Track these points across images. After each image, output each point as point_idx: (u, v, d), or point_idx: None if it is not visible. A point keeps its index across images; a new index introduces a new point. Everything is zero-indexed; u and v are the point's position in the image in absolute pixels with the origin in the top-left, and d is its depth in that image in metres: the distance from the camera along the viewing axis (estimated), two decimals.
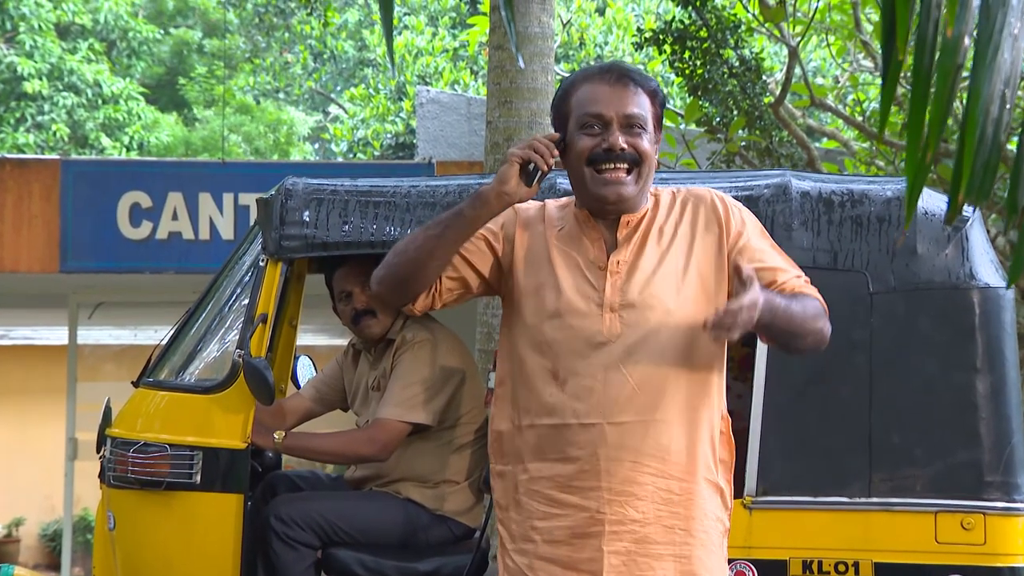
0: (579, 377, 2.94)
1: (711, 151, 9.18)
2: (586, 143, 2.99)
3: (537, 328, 3.01)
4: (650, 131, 3.03)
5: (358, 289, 4.42)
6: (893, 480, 3.86)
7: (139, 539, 4.16)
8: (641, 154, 3.00)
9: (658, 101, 3.05)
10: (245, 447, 4.07)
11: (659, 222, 3.05)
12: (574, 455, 2.95)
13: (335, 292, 4.50)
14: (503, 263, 3.09)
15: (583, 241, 3.04)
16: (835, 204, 3.95)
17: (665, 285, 2.99)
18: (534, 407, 2.99)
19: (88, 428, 10.57)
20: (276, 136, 19.52)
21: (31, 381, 14.52)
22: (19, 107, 18.41)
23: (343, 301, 4.47)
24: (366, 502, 4.40)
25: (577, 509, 2.95)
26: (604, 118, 2.97)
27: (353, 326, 4.48)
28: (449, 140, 10.36)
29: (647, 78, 3.05)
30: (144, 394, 4.31)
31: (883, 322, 3.89)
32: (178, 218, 9.58)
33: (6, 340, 14.66)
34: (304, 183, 4.15)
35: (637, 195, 3.02)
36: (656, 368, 2.94)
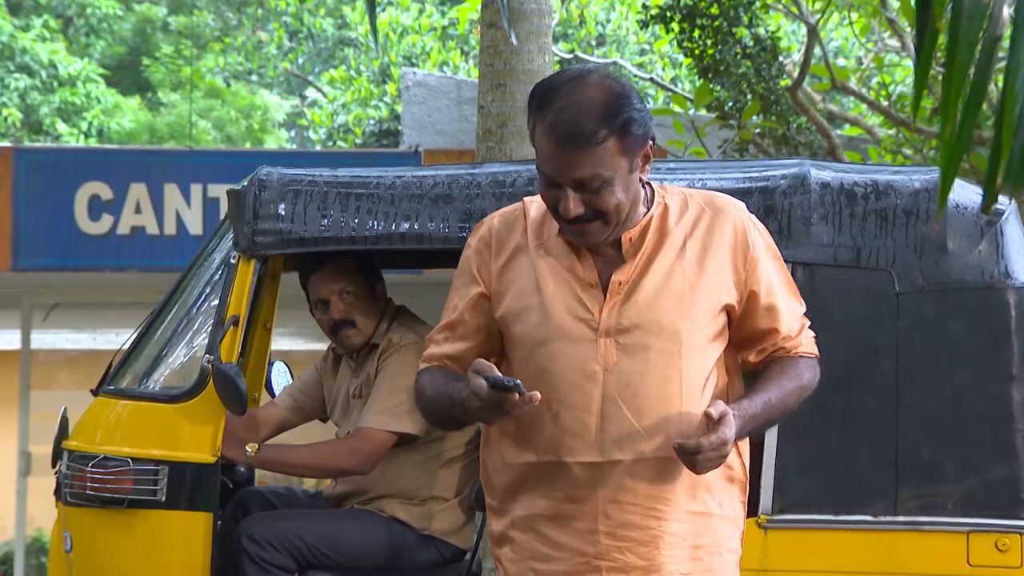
0: (574, 410, 2.86)
1: (723, 138, 9.20)
2: (545, 195, 2.89)
3: (526, 356, 2.92)
4: (619, 174, 2.85)
5: (336, 297, 4.41)
6: (922, 497, 3.87)
7: (99, 562, 4.15)
8: (600, 210, 2.86)
9: (631, 135, 2.84)
10: (215, 461, 4.07)
11: (667, 234, 2.94)
12: (570, 494, 2.89)
13: (310, 299, 4.49)
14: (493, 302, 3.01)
15: (573, 256, 2.93)
16: (858, 196, 3.95)
17: (670, 307, 2.90)
18: (527, 441, 2.91)
19: (42, 441, 10.56)
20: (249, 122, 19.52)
21: None
22: None
23: (320, 309, 4.46)
24: (347, 521, 4.39)
25: (574, 553, 2.89)
26: (554, 181, 2.85)
27: (332, 336, 4.48)
28: (437, 126, 10.37)
29: (608, 120, 2.82)
30: (104, 403, 4.30)
31: (910, 325, 3.89)
32: (141, 211, 9.60)
33: None
34: (279, 173, 4.14)
35: (616, 228, 2.89)
36: (658, 400, 2.87)
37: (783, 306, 2.98)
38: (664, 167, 4.23)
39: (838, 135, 10.14)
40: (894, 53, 11.09)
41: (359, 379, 4.47)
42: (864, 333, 3.92)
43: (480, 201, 4.03)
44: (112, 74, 20.57)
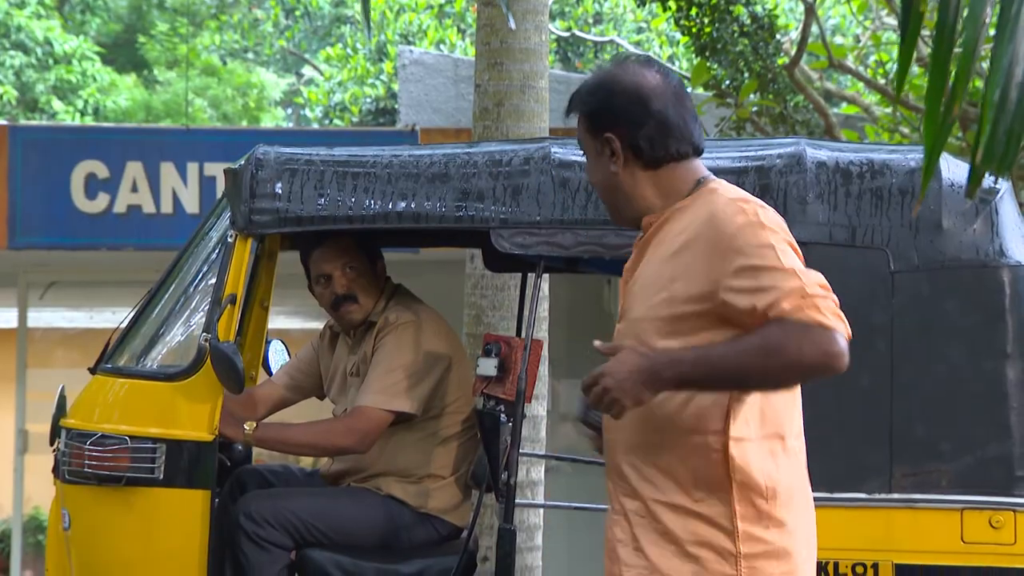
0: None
1: (720, 117, 9.20)
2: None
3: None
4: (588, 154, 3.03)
5: (338, 272, 4.43)
6: (916, 475, 3.89)
7: (97, 539, 4.18)
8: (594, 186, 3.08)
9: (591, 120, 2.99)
10: (212, 439, 4.09)
11: (669, 227, 2.97)
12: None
13: (312, 274, 4.51)
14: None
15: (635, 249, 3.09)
16: (853, 175, 3.97)
17: (639, 297, 2.97)
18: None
19: (39, 419, 10.58)
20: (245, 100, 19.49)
21: None
22: None
23: (321, 284, 4.48)
24: (343, 499, 4.42)
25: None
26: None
27: (332, 311, 4.50)
28: (434, 105, 10.36)
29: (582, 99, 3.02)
30: (102, 381, 4.32)
31: (905, 303, 3.92)
32: (138, 190, 9.59)
33: None
34: (276, 152, 4.15)
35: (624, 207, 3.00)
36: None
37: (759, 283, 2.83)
38: None
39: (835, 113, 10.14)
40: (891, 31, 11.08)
41: (356, 357, 4.49)
42: (859, 312, 3.92)
43: (476, 180, 4.05)
44: (108, 52, 20.52)
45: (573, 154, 4.03)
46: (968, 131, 8.21)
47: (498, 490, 4.05)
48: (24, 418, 10.74)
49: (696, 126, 3.03)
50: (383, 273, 4.55)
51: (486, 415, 4.02)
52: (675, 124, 2.96)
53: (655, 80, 2.97)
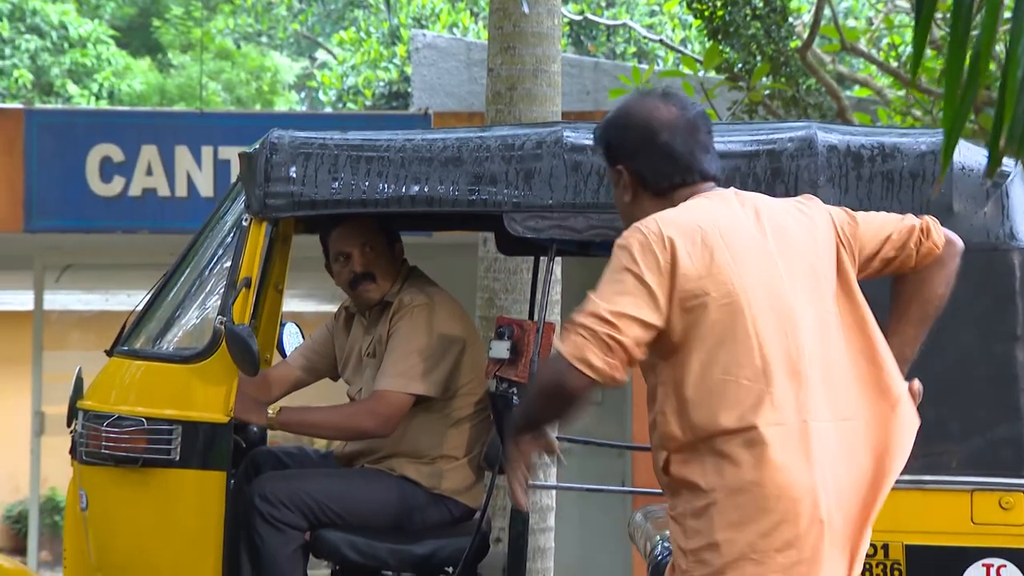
0: None
1: (732, 100, 9.19)
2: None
3: None
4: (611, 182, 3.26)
5: (357, 251, 4.46)
6: (926, 456, 3.90)
7: (114, 520, 4.20)
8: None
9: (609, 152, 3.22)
10: (228, 421, 4.11)
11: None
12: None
13: (331, 252, 4.54)
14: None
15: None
16: (864, 159, 3.97)
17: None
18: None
19: (55, 401, 10.64)
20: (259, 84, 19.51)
21: None
22: None
23: (340, 263, 4.51)
24: (357, 480, 4.44)
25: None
26: None
27: (350, 290, 4.53)
28: (447, 88, 10.36)
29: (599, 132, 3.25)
30: (118, 363, 4.34)
31: None
32: (153, 173, 9.61)
33: None
34: (290, 136, 4.17)
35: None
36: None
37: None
38: None
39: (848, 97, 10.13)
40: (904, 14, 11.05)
41: (372, 337, 4.51)
42: (869, 295, 3.94)
43: (489, 164, 4.06)
44: (122, 35, 20.53)
45: (585, 138, 4.04)
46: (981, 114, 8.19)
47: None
48: (40, 400, 10.78)
49: (706, 156, 3.14)
50: (400, 255, 4.58)
51: (499, 397, 4.03)
52: (680, 154, 3.09)
53: (668, 114, 3.12)
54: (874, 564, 3.85)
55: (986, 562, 3.85)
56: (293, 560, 4.24)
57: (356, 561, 4.30)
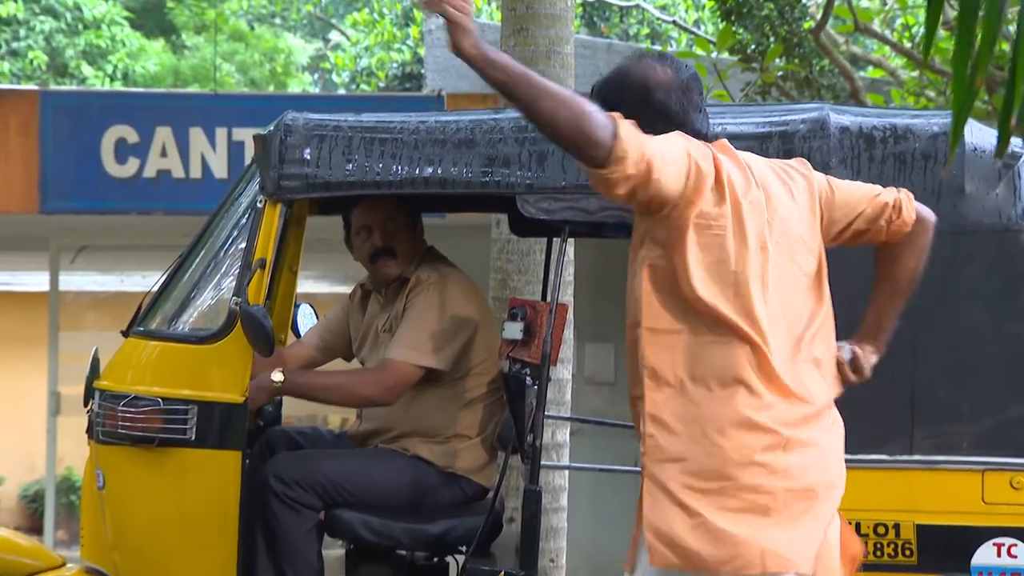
0: None
1: (745, 81, 9.18)
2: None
3: None
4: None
5: (379, 226, 4.49)
6: (937, 437, 3.92)
7: (130, 499, 4.23)
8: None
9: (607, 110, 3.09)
10: (243, 401, 4.13)
11: None
12: None
13: (353, 226, 4.56)
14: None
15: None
16: (877, 140, 3.98)
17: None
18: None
19: (71, 381, 10.68)
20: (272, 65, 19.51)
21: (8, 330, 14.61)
22: None
23: (361, 236, 4.53)
24: (371, 460, 4.47)
25: None
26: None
27: (370, 264, 4.55)
28: (460, 70, 10.34)
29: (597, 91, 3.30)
30: (134, 344, 4.37)
31: (928, 267, 3.92)
32: (167, 155, 9.62)
33: None
34: (304, 118, 4.18)
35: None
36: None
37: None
38: None
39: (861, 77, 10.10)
40: None
41: (388, 314, 4.53)
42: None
43: (503, 146, 4.07)
44: (136, 17, 20.54)
45: None
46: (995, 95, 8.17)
47: (524, 452, 4.08)
48: (56, 380, 10.81)
49: (699, 116, 3.23)
50: (421, 235, 4.60)
51: (512, 378, 4.05)
52: (675, 112, 3.20)
53: (664, 74, 3.23)
54: (885, 543, 3.87)
55: (997, 541, 3.87)
56: (308, 539, 4.27)
57: (370, 540, 4.33)
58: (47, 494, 11.22)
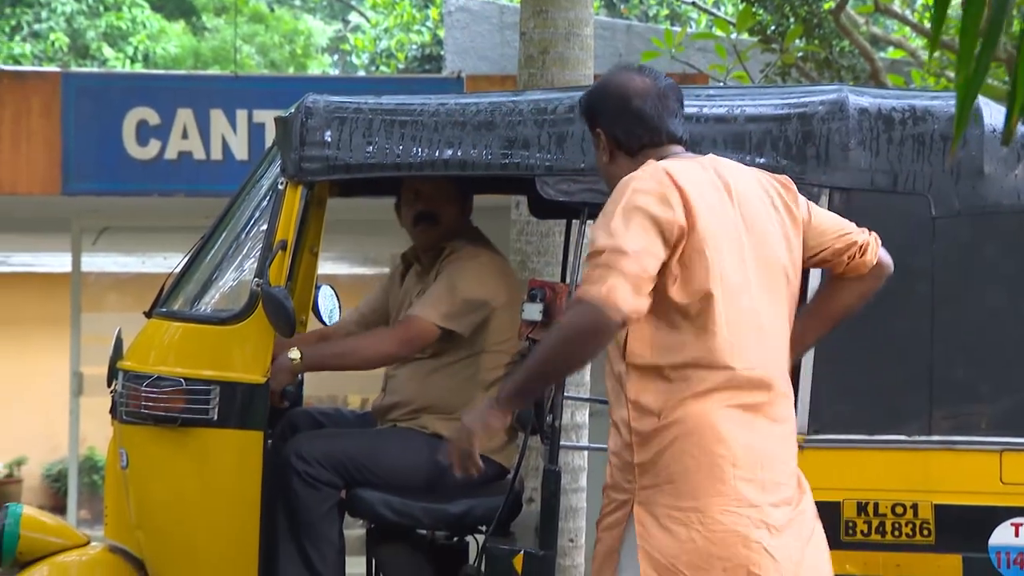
0: None
1: (765, 62, 9.16)
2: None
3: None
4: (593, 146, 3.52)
5: (428, 190, 4.55)
6: (956, 417, 3.93)
7: (153, 478, 4.26)
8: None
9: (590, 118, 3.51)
10: (264, 381, 4.16)
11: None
12: None
13: (404, 188, 4.62)
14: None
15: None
16: (896, 121, 3.98)
17: None
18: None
19: (93, 362, 10.73)
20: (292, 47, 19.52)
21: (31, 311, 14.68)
22: (14, 14, 18.47)
23: (408, 199, 4.60)
24: (391, 439, 4.50)
25: None
26: None
27: (412, 228, 4.63)
28: (480, 52, 10.37)
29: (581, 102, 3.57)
30: (157, 325, 4.40)
31: (946, 249, 3.94)
32: (188, 136, 9.64)
33: (4, 267, 14.82)
34: (325, 101, 4.20)
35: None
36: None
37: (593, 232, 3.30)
38: (704, 94, 4.27)
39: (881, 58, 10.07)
40: None
41: (424, 283, 4.59)
42: (900, 257, 3.96)
43: (522, 128, 4.08)
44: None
45: None
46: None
47: (543, 433, 4.11)
48: (79, 361, 10.87)
49: (674, 120, 3.41)
50: (468, 213, 4.66)
51: None
52: (650, 117, 3.38)
53: (642, 83, 3.42)
54: (903, 523, 3.88)
55: (1015, 521, 3.88)
56: (328, 517, 4.30)
57: (391, 520, 4.36)
58: (70, 474, 11.28)
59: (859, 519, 3.88)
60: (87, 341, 10.86)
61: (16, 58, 17.52)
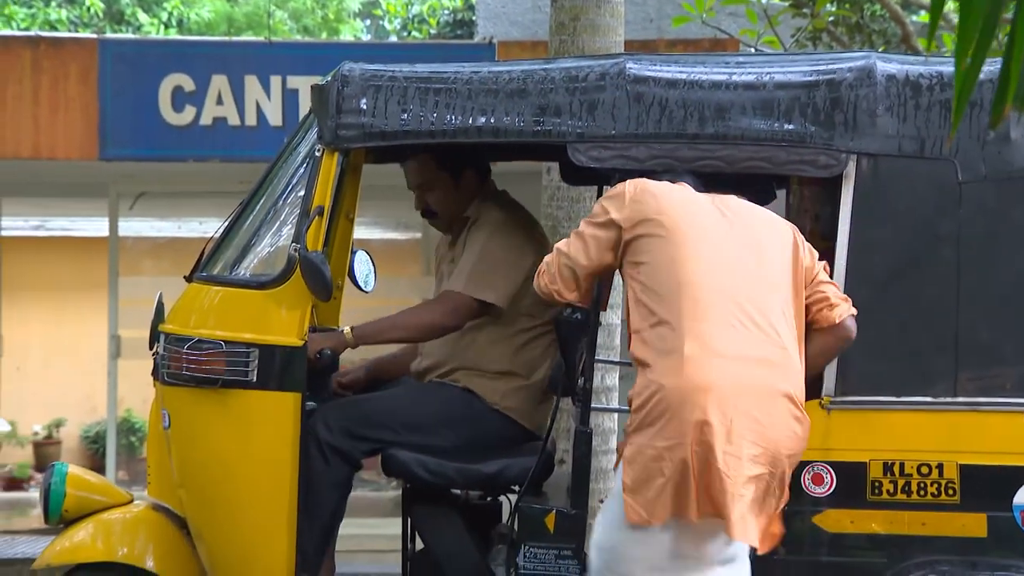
0: None
1: (796, 27, 9.16)
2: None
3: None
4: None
5: (418, 191, 4.68)
6: (981, 379, 3.98)
7: (194, 438, 4.35)
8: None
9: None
10: (302, 344, 4.24)
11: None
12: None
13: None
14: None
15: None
16: (923, 88, 4.02)
17: None
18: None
19: (131, 325, 10.83)
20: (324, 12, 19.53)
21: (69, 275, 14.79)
22: None
23: (415, 195, 4.72)
24: (420, 391, 4.62)
25: None
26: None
27: (423, 217, 4.75)
28: (511, 17, 10.39)
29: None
30: (197, 289, 4.47)
31: (972, 213, 3.98)
32: (223, 102, 9.69)
33: (43, 231, 14.92)
34: (361, 69, 4.25)
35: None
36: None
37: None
38: (733, 61, 4.31)
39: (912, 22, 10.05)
40: None
41: (455, 252, 4.67)
42: (927, 221, 4.01)
43: (554, 96, 4.13)
44: None
45: (647, 70, 4.10)
46: None
47: (575, 395, 4.17)
48: (116, 324, 10.96)
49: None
50: (470, 182, 4.68)
51: (564, 323, 4.13)
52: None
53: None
54: (929, 483, 3.93)
55: None
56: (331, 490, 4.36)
57: (425, 479, 4.43)
58: (108, 436, 11.38)
59: (885, 479, 3.94)
60: (124, 305, 10.93)
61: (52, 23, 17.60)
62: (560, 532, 4.12)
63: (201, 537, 4.40)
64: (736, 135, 4.03)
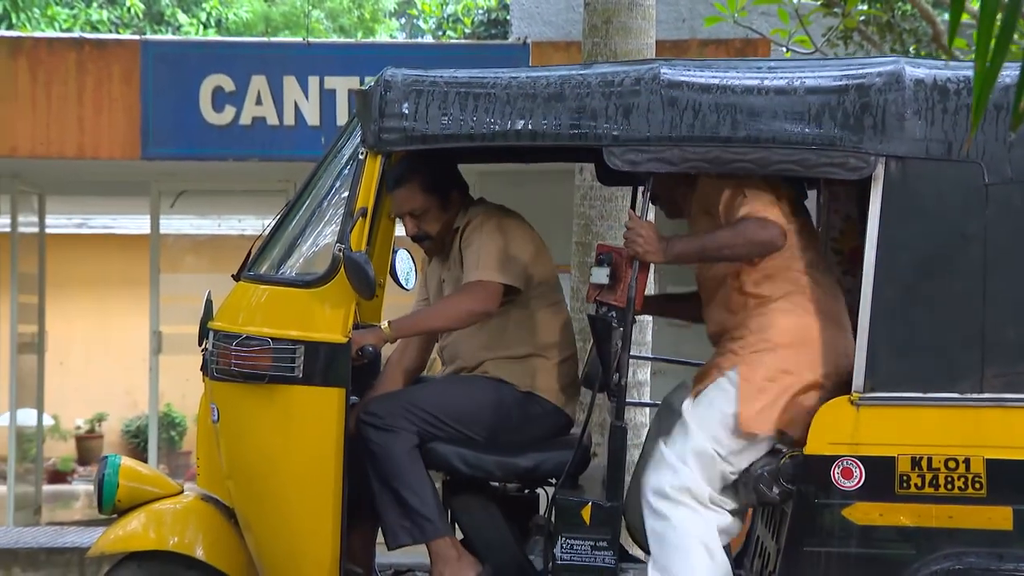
0: None
1: (827, 27, 9.19)
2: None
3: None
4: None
5: (407, 218, 4.72)
6: (1007, 376, 4.03)
7: (242, 431, 4.45)
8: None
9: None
10: (346, 341, 4.33)
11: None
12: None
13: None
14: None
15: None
16: (950, 92, 4.08)
17: None
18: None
19: (171, 321, 10.95)
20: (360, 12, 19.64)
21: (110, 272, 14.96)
22: None
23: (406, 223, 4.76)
24: (455, 382, 4.72)
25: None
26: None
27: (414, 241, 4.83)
28: (545, 18, 10.46)
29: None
30: (245, 288, 4.57)
31: (998, 214, 4.04)
32: (262, 103, 9.78)
33: (86, 229, 15.10)
34: (403, 74, 4.34)
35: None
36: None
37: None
38: (765, 66, 4.38)
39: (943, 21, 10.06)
40: None
41: (449, 262, 4.76)
42: (954, 222, 4.07)
43: (590, 100, 4.21)
44: None
45: (681, 75, 4.19)
46: None
47: (610, 390, 4.26)
48: (158, 320, 11.08)
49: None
50: (457, 201, 4.77)
51: (598, 320, 4.22)
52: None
53: None
54: (956, 477, 3.99)
55: None
56: (411, 458, 4.45)
57: (465, 472, 4.53)
58: (150, 429, 11.50)
59: (913, 473, 4.00)
60: (165, 301, 11.04)
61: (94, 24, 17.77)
62: (596, 523, 4.21)
63: (249, 528, 4.50)
64: (768, 138, 4.10)
